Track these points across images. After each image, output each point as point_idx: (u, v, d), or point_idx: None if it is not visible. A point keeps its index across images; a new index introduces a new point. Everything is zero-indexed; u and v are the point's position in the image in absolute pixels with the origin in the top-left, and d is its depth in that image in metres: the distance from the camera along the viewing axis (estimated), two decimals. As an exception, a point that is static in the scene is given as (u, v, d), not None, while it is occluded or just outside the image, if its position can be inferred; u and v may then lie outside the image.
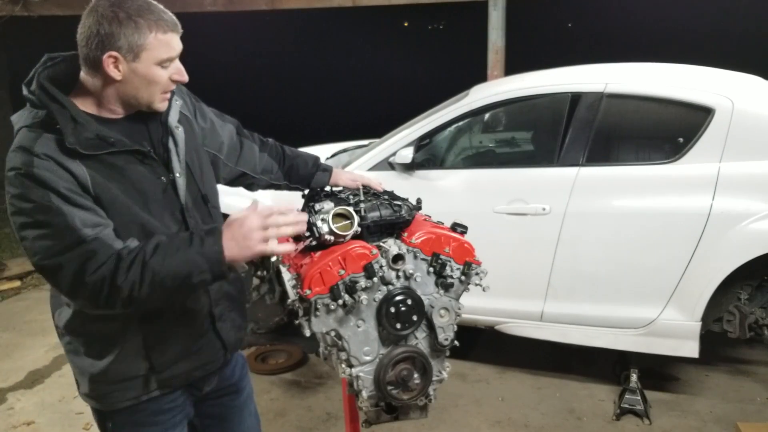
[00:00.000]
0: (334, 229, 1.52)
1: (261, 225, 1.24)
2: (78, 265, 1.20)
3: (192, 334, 1.45)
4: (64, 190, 1.21)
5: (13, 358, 3.68)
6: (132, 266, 1.21)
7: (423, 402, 1.66)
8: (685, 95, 2.83)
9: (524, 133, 3.69)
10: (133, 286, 1.21)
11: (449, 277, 1.58)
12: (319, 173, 1.82)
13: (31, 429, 2.93)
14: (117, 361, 1.38)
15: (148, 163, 1.35)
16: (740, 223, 2.63)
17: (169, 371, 1.43)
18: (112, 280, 1.20)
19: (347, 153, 3.86)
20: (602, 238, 2.84)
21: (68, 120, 1.25)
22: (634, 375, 2.91)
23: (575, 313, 2.94)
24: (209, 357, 1.50)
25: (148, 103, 1.35)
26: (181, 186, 1.41)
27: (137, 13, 1.25)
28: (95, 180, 1.26)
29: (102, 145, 1.27)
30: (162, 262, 1.21)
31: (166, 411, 1.48)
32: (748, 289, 2.84)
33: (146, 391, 1.42)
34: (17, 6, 5.75)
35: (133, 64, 1.27)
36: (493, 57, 5.30)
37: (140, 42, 1.26)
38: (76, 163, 1.24)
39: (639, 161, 2.96)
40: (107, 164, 1.29)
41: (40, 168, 1.21)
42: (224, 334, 1.52)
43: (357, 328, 1.55)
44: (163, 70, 1.32)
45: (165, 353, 1.41)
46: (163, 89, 1.34)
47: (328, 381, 3.28)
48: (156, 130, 1.41)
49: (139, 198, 1.32)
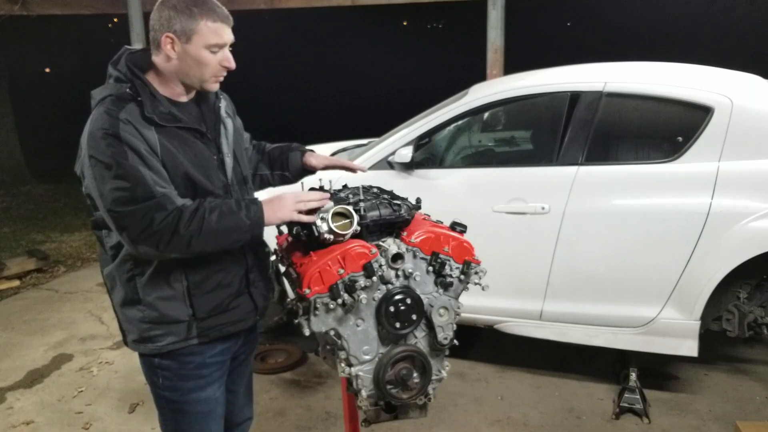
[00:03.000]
0: (333, 228, 1.52)
1: (294, 200, 1.56)
2: (148, 214, 1.42)
3: (230, 291, 1.63)
4: (143, 151, 1.44)
5: (12, 357, 3.67)
6: (193, 219, 1.44)
7: (422, 401, 1.66)
8: (684, 94, 2.83)
9: (523, 132, 3.69)
10: (192, 236, 1.44)
11: (448, 276, 1.58)
12: (292, 154, 1.95)
13: (31, 428, 2.93)
14: (164, 303, 1.56)
15: (205, 141, 1.59)
16: (739, 222, 2.63)
17: (208, 321, 1.60)
18: (176, 229, 1.43)
19: (346, 152, 3.86)
20: (601, 237, 2.84)
21: (148, 95, 1.51)
22: (634, 374, 2.92)
23: (574, 312, 2.95)
24: (243, 315, 1.68)
25: (201, 82, 1.57)
26: (229, 165, 1.64)
27: (194, 3, 1.49)
28: (164, 146, 1.49)
29: (172, 119, 1.52)
30: (217, 219, 1.46)
31: (209, 365, 1.65)
32: (747, 287, 2.84)
33: (188, 336, 1.59)
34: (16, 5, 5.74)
35: (186, 46, 1.50)
36: (492, 56, 5.30)
37: (192, 27, 1.49)
38: (151, 131, 1.47)
39: (638, 160, 2.95)
40: (174, 135, 1.52)
41: (124, 131, 1.43)
42: (256, 297, 1.71)
43: (356, 327, 1.55)
44: (212, 54, 1.53)
45: (205, 303, 1.59)
46: (213, 72, 1.56)
47: (327, 380, 3.28)
48: (210, 117, 1.65)
49: (199, 165, 1.55)
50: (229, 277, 1.62)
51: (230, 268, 1.62)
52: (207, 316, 1.60)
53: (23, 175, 8.74)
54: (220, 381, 1.71)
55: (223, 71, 1.58)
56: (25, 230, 6.49)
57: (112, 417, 2.96)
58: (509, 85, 3.21)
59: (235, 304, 1.65)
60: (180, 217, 1.44)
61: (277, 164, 1.94)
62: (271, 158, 1.95)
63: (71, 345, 3.81)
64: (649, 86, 2.92)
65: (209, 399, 1.68)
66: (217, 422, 1.74)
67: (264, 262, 1.77)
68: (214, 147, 1.62)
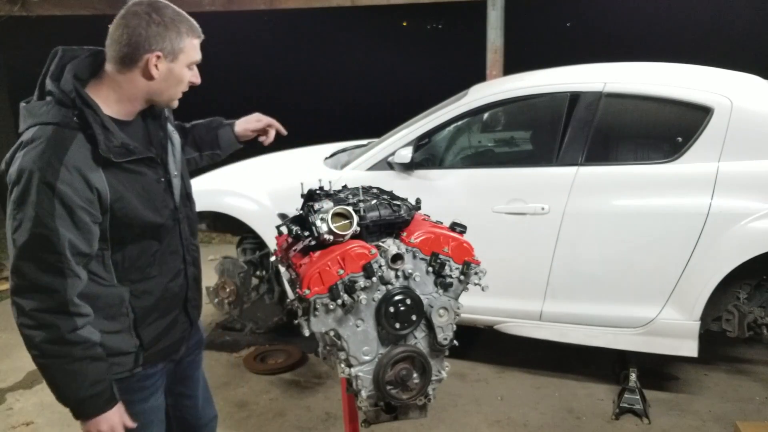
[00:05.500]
0: (333, 228, 1.52)
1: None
2: (40, 290, 1.33)
3: (170, 314, 1.62)
4: (76, 208, 1.32)
5: (12, 358, 3.67)
6: (56, 344, 1.36)
7: (422, 402, 1.66)
8: (683, 95, 2.83)
9: (523, 132, 3.69)
10: (39, 350, 1.37)
11: (448, 277, 1.58)
12: (221, 130, 1.88)
13: (31, 429, 2.93)
14: (110, 337, 1.49)
15: (153, 166, 1.50)
16: (739, 222, 2.63)
17: (154, 348, 1.59)
18: (40, 325, 1.35)
19: (346, 152, 3.86)
20: (601, 237, 2.84)
21: (100, 126, 1.35)
22: (633, 374, 2.92)
23: (574, 312, 2.95)
24: (181, 333, 1.68)
25: (169, 101, 1.50)
26: (176, 186, 1.57)
27: (178, 19, 1.41)
28: (114, 188, 1.38)
29: (125, 153, 1.40)
30: (64, 372, 1.38)
31: (150, 376, 1.63)
32: (747, 288, 2.84)
33: (135, 366, 1.56)
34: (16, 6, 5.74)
35: (171, 65, 1.42)
36: (492, 57, 5.29)
37: (180, 45, 1.42)
38: (99, 173, 1.35)
39: (638, 161, 2.96)
40: (125, 170, 1.41)
41: (62, 182, 1.29)
42: (191, 312, 1.70)
43: (356, 327, 1.55)
44: (189, 71, 1.47)
45: (150, 332, 1.57)
46: (183, 89, 1.50)
47: (327, 381, 3.28)
48: (156, 134, 1.54)
49: (147, 199, 1.47)
50: (173, 304, 1.62)
51: (174, 293, 1.61)
52: (152, 344, 1.58)
53: (23, 175, 8.74)
54: (162, 388, 1.69)
55: (187, 88, 1.52)
56: (25, 231, 6.49)
57: (111, 418, 2.97)
58: (509, 85, 3.22)
59: (172, 325, 1.64)
60: (50, 326, 1.34)
61: (206, 144, 1.86)
62: (197, 139, 1.85)
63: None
64: (648, 87, 2.92)
65: (153, 408, 1.66)
66: (159, 429, 1.71)
67: (199, 270, 1.72)
68: (162, 169, 1.52)
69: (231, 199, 3.50)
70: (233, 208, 3.38)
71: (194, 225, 1.71)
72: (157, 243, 1.53)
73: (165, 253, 1.56)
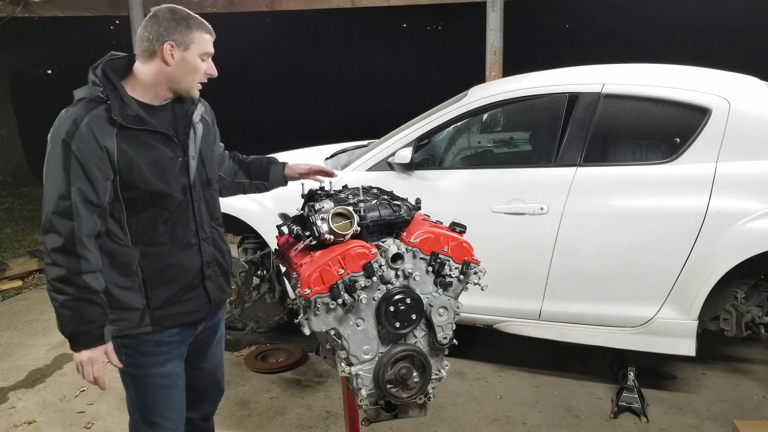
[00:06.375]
0: (333, 228, 1.54)
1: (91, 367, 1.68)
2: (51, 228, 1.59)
3: (183, 284, 1.76)
4: (89, 162, 1.57)
5: (15, 357, 3.69)
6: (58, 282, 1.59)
7: (422, 400, 1.67)
8: (681, 96, 2.85)
9: (522, 133, 3.71)
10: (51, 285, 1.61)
11: (448, 276, 1.60)
12: (272, 166, 2.11)
13: (33, 428, 2.94)
14: (120, 291, 1.69)
15: (170, 144, 1.71)
16: (736, 222, 2.64)
17: (161, 311, 1.74)
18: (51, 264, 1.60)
19: (346, 153, 3.88)
20: (600, 237, 2.86)
21: (117, 98, 1.63)
22: (632, 373, 2.93)
23: (573, 311, 2.96)
24: (196, 307, 1.81)
25: (188, 89, 1.71)
26: (193, 167, 1.75)
27: (188, 16, 1.68)
28: (121, 150, 1.61)
29: (138, 122, 1.64)
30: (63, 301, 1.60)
31: (167, 343, 1.79)
32: (745, 287, 2.86)
33: (141, 324, 1.72)
34: (18, 7, 5.76)
35: (184, 54, 1.66)
36: (491, 58, 5.31)
37: (190, 37, 1.66)
38: (111, 137, 1.60)
39: (636, 161, 2.97)
40: (136, 138, 1.64)
41: (77, 140, 1.57)
42: (211, 292, 1.83)
43: (356, 326, 1.57)
44: (203, 63, 1.70)
45: (159, 295, 1.73)
46: (199, 79, 1.72)
47: (327, 379, 3.30)
48: (182, 122, 1.76)
49: (158, 169, 1.67)
50: (182, 272, 1.76)
51: (184, 263, 1.76)
52: (160, 307, 1.73)
53: (25, 176, 8.76)
54: (180, 358, 1.85)
55: (205, 79, 1.74)
56: (27, 231, 6.50)
57: (113, 416, 2.98)
58: (508, 86, 3.23)
59: (188, 296, 1.78)
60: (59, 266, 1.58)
61: (256, 174, 2.10)
62: (251, 168, 2.09)
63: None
64: (646, 88, 2.94)
65: (169, 374, 1.82)
66: (178, 395, 1.87)
67: (225, 259, 1.90)
68: (180, 150, 1.73)
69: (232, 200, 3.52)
70: (235, 208, 3.39)
71: (214, 210, 1.86)
72: (167, 212, 1.70)
73: (176, 223, 1.72)
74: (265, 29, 17.48)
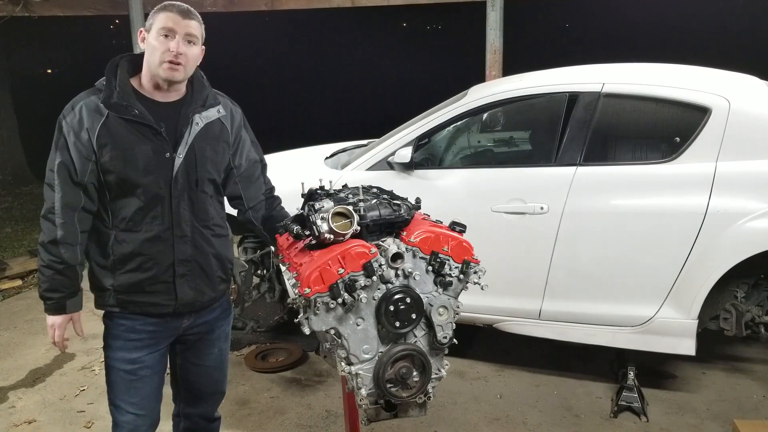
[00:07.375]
0: (333, 227, 1.54)
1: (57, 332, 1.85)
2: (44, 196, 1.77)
3: (149, 276, 1.79)
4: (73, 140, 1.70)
5: (15, 356, 3.69)
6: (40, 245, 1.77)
7: (422, 399, 1.67)
8: (681, 95, 2.85)
9: (522, 132, 3.71)
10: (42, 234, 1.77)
11: (448, 276, 1.60)
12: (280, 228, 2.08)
13: (33, 427, 2.94)
14: (98, 269, 1.82)
15: (158, 139, 1.73)
16: (736, 221, 2.65)
17: (125, 296, 1.80)
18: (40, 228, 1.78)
19: (346, 153, 3.88)
20: (600, 236, 2.86)
21: (113, 87, 1.72)
22: (632, 372, 2.93)
23: (573, 311, 2.96)
24: (160, 300, 1.82)
25: (155, 69, 1.72)
26: (177, 164, 1.76)
27: (162, 5, 1.75)
28: (103, 135, 1.69)
29: (126, 111, 1.71)
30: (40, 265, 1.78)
31: (138, 331, 1.84)
32: (745, 287, 2.86)
33: (106, 302, 1.82)
34: (18, 6, 5.76)
35: (148, 36, 1.73)
36: (491, 57, 5.31)
37: (153, 19, 1.74)
38: (98, 121, 1.69)
39: (636, 161, 2.97)
40: (123, 127, 1.71)
41: (68, 119, 1.71)
42: (180, 290, 1.83)
43: (356, 326, 1.57)
44: (163, 39, 1.70)
45: (124, 279, 1.79)
46: (160, 58, 1.71)
47: (327, 379, 3.30)
48: (181, 120, 1.78)
49: (137, 159, 1.72)
50: (149, 263, 1.79)
51: (153, 255, 1.79)
52: (124, 291, 1.80)
53: (25, 175, 8.76)
54: (154, 349, 1.87)
55: (170, 56, 1.70)
56: (27, 230, 6.50)
57: (114, 416, 2.99)
58: (508, 86, 3.23)
59: (153, 288, 1.81)
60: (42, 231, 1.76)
61: (267, 227, 2.05)
62: (269, 220, 2.03)
63: (73, 344, 3.78)
64: (646, 87, 2.94)
65: (135, 361, 1.85)
66: (147, 384, 1.89)
67: (208, 261, 1.88)
68: (169, 145, 1.75)
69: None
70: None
71: (200, 212, 1.84)
72: (140, 201, 1.74)
73: (147, 213, 1.76)
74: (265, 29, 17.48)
